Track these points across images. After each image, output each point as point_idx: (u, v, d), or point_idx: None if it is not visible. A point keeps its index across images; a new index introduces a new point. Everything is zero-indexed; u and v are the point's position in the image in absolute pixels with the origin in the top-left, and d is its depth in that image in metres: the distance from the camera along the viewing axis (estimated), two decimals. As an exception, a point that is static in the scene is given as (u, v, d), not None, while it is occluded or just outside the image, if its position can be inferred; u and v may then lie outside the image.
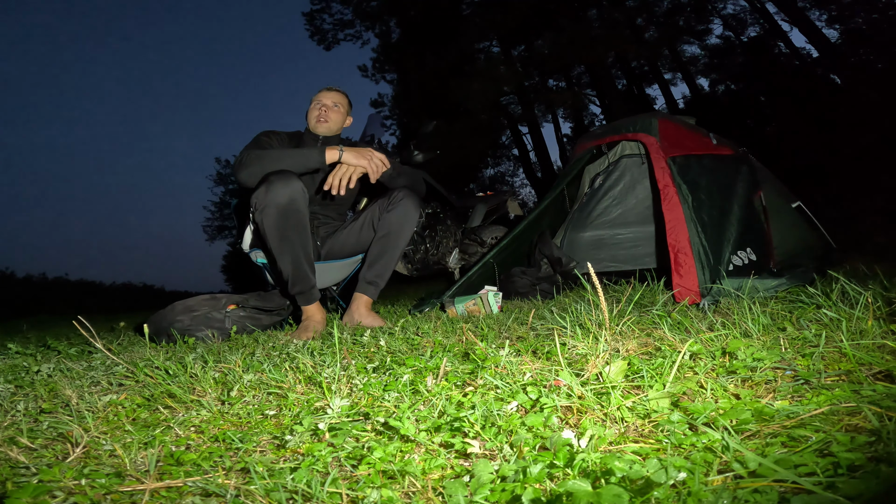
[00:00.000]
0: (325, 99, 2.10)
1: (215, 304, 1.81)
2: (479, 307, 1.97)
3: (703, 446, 0.55)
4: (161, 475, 0.61)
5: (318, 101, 2.11)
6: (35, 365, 1.24)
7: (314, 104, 2.12)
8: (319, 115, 2.08)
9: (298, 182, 1.66)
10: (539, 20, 13.48)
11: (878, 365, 0.73)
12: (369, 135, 3.55)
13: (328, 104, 2.09)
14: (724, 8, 15.78)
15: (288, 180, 1.64)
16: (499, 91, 14.42)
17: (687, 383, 0.73)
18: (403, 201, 1.87)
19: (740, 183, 2.22)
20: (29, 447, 0.72)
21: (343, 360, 1.08)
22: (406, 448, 0.63)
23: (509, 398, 0.74)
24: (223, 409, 0.85)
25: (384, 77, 17.61)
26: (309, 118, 2.12)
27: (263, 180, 1.67)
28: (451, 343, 1.22)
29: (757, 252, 1.98)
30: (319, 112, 2.08)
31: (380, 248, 1.88)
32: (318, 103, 2.10)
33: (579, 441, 0.57)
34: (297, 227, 1.68)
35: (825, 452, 0.50)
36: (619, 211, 3.12)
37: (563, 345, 1.01)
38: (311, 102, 2.14)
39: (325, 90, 2.14)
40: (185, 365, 1.08)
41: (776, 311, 1.23)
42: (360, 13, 16.40)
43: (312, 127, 2.10)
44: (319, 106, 2.09)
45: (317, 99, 2.12)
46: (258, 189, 1.66)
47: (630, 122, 2.50)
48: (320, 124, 2.08)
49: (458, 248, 3.72)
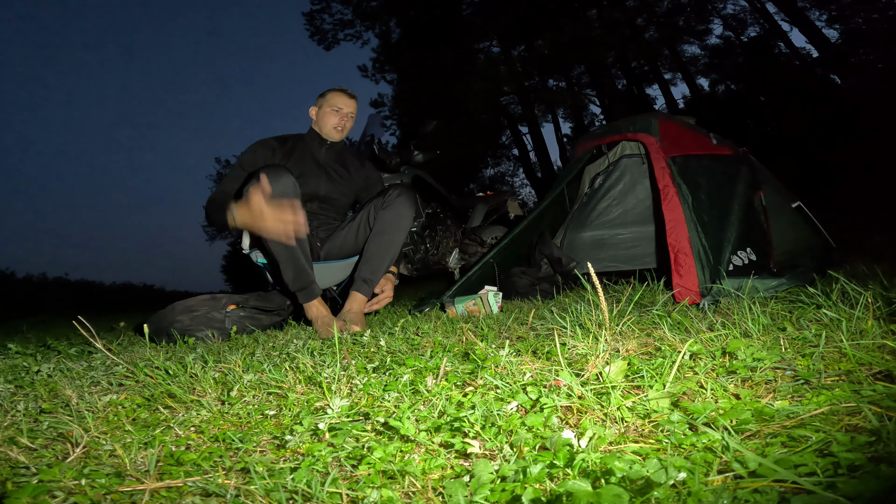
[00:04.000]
0: (346, 107, 2.06)
1: (215, 304, 1.81)
2: (479, 307, 1.97)
3: (703, 446, 0.55)
4: (161, 475, 0.61)
5: (338, 108, 2.06)
6: (35, 365, 1.24)
7: (332, 109, 2.06)
8: (338, 125, 2.06)
9: (289, 175, 1.65)
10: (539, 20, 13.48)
11: (878, 365, 0.73)
12: (369, 135, 3.55)
13: (347, 113, 2.06)
14: (724, 8, 15.79)
15: (278, 173, 1.63)
16: (499, 91, 14.42)
17: (687, 383, 0.73)
18: (398, 199, 1.87)
19: (740, 183, 2.22)
20: (29, 447, 0.72)
21: (343, 360, 1.08)
22: (406, 448, 0.63)
23: (509, 398, 0.74)
24: (223, 409, 0.85)
25: (384, 77, 17.61)
26: (323, 122, 2.07)
27: (253, 174, 1.66)
28: (451, 343, 1.22)
29: (757, 252, 1.98)
30: (339, 121, 2.06)
31: (375, 246, 1.87)
32: (337, 110, 2.06)
33: (579, 441, 0.57)
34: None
35: (825, 452, 0.50)
36: (619, 211, 3.12)
37: (563, 345, 1.01)
38: (324, 103, 2.07)
39: (346, 96, 2.08)
40: (185, 365, 1.08)
41: (776, 311, 1.23)
42: (360, 13, 16.40)
43: (328, 133, 2.07)
44: (340, 115, 2.06)
45: (335, 104, 2.06)
46: (248, 183, 1.65)
47: (630, 122, 2.50)
48: (337, 132, 2.07)
49: (458, 248, 3.72)
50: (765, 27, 14.68)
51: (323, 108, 2.08)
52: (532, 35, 14.46)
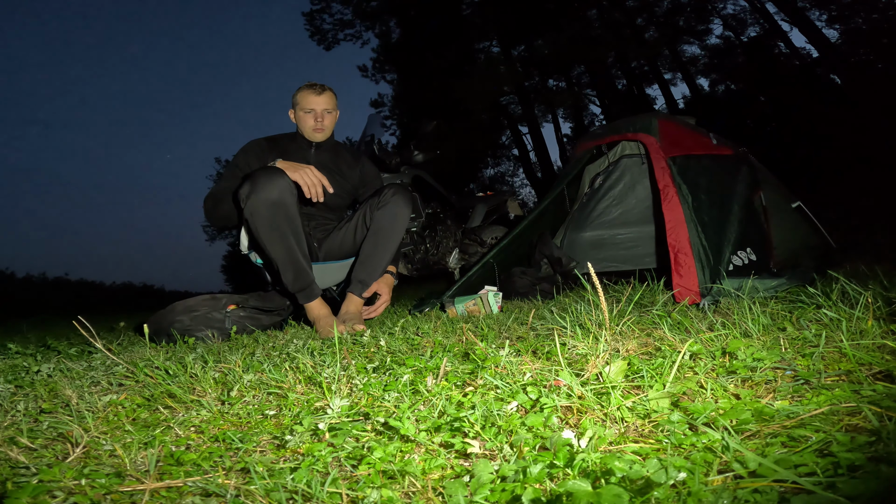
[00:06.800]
0: (318, 105, 1.98)
1: (215, 304, 1.81)
2: (479, 307, 1.97)
3: (703, 446, 0.54)
4: (161, 475, 0.61)
5: (310, 109, 1.98)
6: (35, 365, 1.24)
7: (304, 111, 1.98)
8: (316, 125, 1.99)
9: (285, 178, 1.64)
10: (539, 20, 13.48)
11: (878, 365, 0.73)
12: (369, 135, 3.55)
13: (320, 111, 1.99)
14: (724, 8, 15.79)
15: (271, 176, 1.62)
16: (499, 91, 14.44)
17: (687, 383, 0.73)
18: (394, 198, 1.85)
19: (740, 183, 2.22)
20: (29, 447, 0.72)
21: (343, 360, 1.08)
22: (406, 448, 0.63)
23: (509, 398, 0.74)
24: (223, 409, 0.85)
25: (384, 77, 17.62)
26: (303, 126, 2.01)
27: (247, 177, 1.65)
28: (451, 343, 1.22)
29: (757, 252, 1.98)
30: (315, 122, 1.99)
31: (371, 246, 1.86)
32: (310, 111, 1.98)
33: (579, 441, 0.57)
34: (287, 219, 1.65)
35: (825, 452, 0.50)
36: (619, 211, 3.12)
37: (563, 345, 1.01)
38: (297, 106, 2.00)
39: (313, 93, 1.98)
40: (185, 365, 1.08)
41: (776, 311, 1.23)
42: (360, 13, 16.41)
43: (309, 136, 2.02)
44: (314, 115, 1.99)
45: (306, 105, 1.98)
46: (242, 187, 1.64)
47: (630, 122, 2.50)
48: (317, 133, 2.00)
49: (458, 248, 3.72)
50: (765, 27, 14.69)
51: (297, 111, 2.01)
52: (532, 35, 14.47)
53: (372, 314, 1.94)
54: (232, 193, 1.79)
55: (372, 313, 1.94)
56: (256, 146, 2.02)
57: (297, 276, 1.72)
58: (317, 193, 1.69)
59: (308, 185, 1.67)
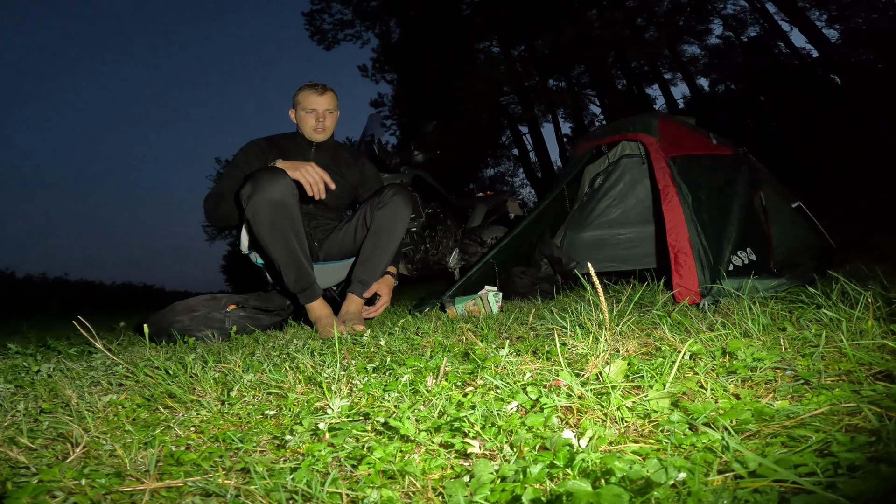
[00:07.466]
0: (319, 105, 1.97)
1: (215, 304, 1.81)
2: (479, 307, 1.97)
3: (703, 446, 0.54)
4: (161, 475, 0.61)
5: (312, 109, 1.97)
6: (35, 365, 1.24)
7: (305, 111, 1.98)
8: (317, 126, 1.98)
9: (287, 178, 1.64)
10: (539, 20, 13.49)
11: (878, 365, 0.73)
12: (369, 135, 3.55)
13: (322, 111, 1.98)
14: (724, 8, 15.79)
15: (273, 176, 1.62)
16: (499, 91, 14.43)
17: (687, 383, 0.73)
18: (394, 198, 1.85)
19: (740, 183, 2.22)
20: (29, 447, 0.72)
21: (343, 360, 1.08)
22: (406, 448, 0.63)
23: (509, 398, 0.74)
24: (223, 409, 0.85)
25: (384, 77, 17.63)
26: (304, 126, 2.00)
27: (249, 177, 1.65)
28: (451, 343, 1.22)
29: (757, 252, 1.98)
30: (316, 122, 1.98)
31: (371, 246, 1.86)
32: (311, 111, 1.98)
33: (579, 441, 0.57)
34: (289, 220, 1.66)
35: (825, 452, 0.50)
36: (619, 211, 3.12)
37: (563, 345, 1.01)
38: (298, 105, 1.99)
39: (315, 93, 1.97)
40: (185, 365, 1.08)
41: (776, 311, 1.23)
42: (360, 13, 16.42)
43: (310, 136, 2.01)
44: (316, 115, 1.98)
45: (307, 105, 1.97)
46: (244, 187, 1.64)
47: (630, 122, 2.50)
48: (318, 133, 2.00)
49: (458, 248, 3.72)
50: (765, 27, 14.68)
51: (298, 111, 2.01)
52: (532, 35, 14.47)
53: (372, 314, 1.94)
54: (233, 193, 1.80)
55: (372, 313, 1.94)
56: (256, 146, 2.01)
57: (299, 277, 1.72)
58: (319, 191, 1.69)
59: (310, 183, 1.67)
